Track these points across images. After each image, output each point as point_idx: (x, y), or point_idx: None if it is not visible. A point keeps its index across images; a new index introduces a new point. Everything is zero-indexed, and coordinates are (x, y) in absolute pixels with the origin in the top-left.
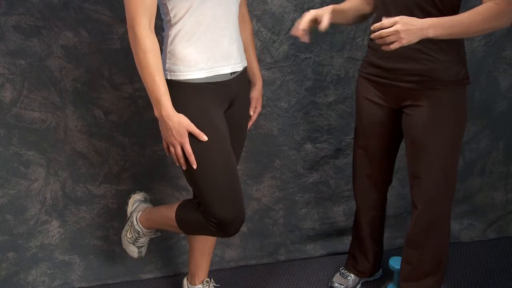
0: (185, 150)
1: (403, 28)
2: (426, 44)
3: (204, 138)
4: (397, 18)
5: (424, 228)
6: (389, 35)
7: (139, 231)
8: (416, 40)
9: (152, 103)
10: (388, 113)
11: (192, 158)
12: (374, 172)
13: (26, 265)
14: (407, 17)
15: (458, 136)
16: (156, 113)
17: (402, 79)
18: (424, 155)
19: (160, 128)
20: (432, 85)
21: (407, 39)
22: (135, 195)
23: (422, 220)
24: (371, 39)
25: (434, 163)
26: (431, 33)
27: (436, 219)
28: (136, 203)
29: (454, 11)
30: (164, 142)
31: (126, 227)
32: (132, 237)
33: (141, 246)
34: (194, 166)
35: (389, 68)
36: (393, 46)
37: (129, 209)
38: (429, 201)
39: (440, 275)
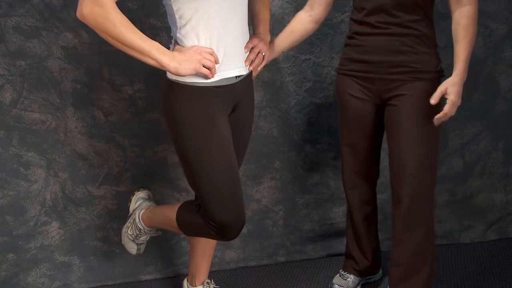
0: (213, 57)
1: (456, 98)
2: (410, 38)
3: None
4: (449, 96)
5: (410, 222)
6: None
7: (140, 229)
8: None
9: (155, 59)
10: (371, 107)
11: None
12: (362, 168)
13: (26, 266)
14: (451, 86)
15: (440, 126)
16: (165, 61)
17: (387, 71)
18: (410, 143)
19: (183, 68)
20: (418, 75)
21: (460, 99)
22: (139, 192)
23: (408, 213)
24: (349, 37)
25: (419, 150)
26: (465, 76)
27: (421, 211)
28: (139, 201)
29: (433, 4)
30: (194, 69)
31: (128, 223)
32: (133, 234)
33: (141, 244)
34: (211, 76)
35: (374, 61)
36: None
37: (132, 206)
38: (415, 192)
39: (430, 271)
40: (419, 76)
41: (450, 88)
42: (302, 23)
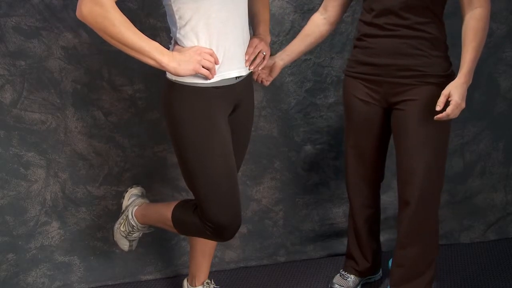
0: (213, 58)
1: (460, 99)
2: (420, 40)
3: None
4: (452, 98)
5: (416, 225)
6: (454, 112)
7: (133, 226)
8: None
9: (155, 59)
10: (378, 111)
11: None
12: (367, 171)
13: (26, 266)
14: (454, 88)
15: (448, 130)
16: (165, 61)
17: (396, 74)
18: (418, 149)
19: (182, 68)
20: (427, 79)
21: (464, 102)
22: (132, 189)
23: (415, 217)
24: (357, 39)
25: (428, 156)
26: (470, 80)
27: (428, 215)
28: (132, 197)
29: (443, 6)
30: (193, 69)
31: (120, 220)
32: (126, 230)
33: (133, 240)
34: (210, 76)
35: (382, 64)
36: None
37: (125, 202)
38: (423, 196)
39: (432, 274)
40: (428, 80)
41: (453, 90)
42: (316, 26)
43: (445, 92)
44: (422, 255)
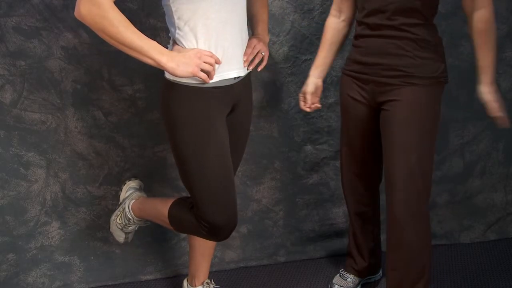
0: (213, 59)
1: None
2: (406, 41)
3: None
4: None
5: (402, 229)
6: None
7: (129, 219)
8: None
9: (153, 59)
10: (368, 110)
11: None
12: (360, 169)
13: (26, 266)
14: (492, 95)
15: (434, 132)
16: (163, 60)
17: (381, 73)
18: (402, 150)
19: (181, 70)
20: (411, 80)
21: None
22: (130, 182)
23: (400, 220)
24: (354, 38)
25: (410, 159)
26: (493, 79)
27: (414, 219)
28: (130, 190)
29: (434, 9)
30: (191, 72)
31: (117, 212)
32: (122, 223)
33: (129, 233)
34: (208, 80)
35: (369, 63)
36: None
37: (122, 195)
38: (407, 199)
39: (426, 278)
40: (412, 81)
41: (493, 96)
42: (339, 31)
43: (493, 104)
44: (413, 259)
